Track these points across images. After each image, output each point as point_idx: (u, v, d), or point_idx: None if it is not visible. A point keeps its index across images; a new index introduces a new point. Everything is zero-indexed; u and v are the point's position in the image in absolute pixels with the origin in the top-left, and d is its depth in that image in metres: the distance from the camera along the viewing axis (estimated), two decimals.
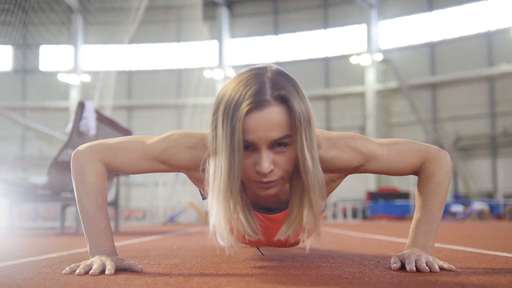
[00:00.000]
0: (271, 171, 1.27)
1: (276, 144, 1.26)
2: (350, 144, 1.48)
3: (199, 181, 1.46)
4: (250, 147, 1.26)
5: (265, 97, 1.24)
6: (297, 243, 1.73)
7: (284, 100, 1.25)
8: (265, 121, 1.23)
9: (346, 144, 1.48)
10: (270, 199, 1.51)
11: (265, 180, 1.27)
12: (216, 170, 1.28)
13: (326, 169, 1.47)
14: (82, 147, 1.52)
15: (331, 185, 1.58)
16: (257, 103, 1.23)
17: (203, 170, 1.37)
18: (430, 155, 1.53)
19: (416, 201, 1.55)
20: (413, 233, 1.49)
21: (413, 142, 1.56)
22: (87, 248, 1.45)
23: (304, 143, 1.26)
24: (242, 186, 1.34)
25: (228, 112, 1.24)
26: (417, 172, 1.55)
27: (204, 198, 1.99)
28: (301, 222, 1.34)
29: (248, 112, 1.23)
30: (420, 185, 1.54)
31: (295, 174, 1.32)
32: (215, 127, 1.28)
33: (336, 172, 1.53)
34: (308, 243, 1.41)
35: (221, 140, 1.25)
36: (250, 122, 1.23)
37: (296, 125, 1.25)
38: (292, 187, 1.35)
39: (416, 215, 1.52)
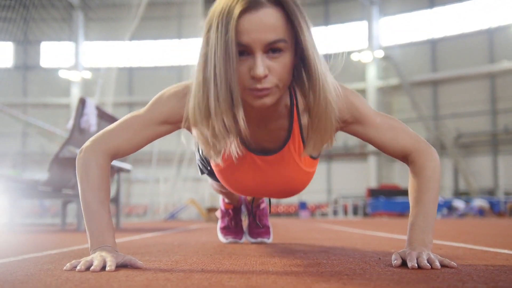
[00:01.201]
0: (265, 77, 1.25)
1: (270, 50, 1.24)
2: (348, 96, 1.47)
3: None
4: (245, 53, 1.24)
5: None
6: (293, 189, 1.72)
7: (279, 3, 1.25)
8: (260, 22, 1.22)
9: (345, 94, 1.47)
10: (265, 135, 1.51)
11: (259, 86, 1.25)
12: (210, 74, 1.25)
13: None
14: (86, 143, 1.52)
15: None
16: (252, 3, 1.22)
17: None
18: (421, 146, 1.53)
19: (409, 197, 1.54)
20: (411, 230, 1.48)
21: (407, 127, 1.55)
22: (88, 244, 1.45)
23: (308, 43, 1.26)
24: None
25: (222, 15, 1.22)
26: (405, 158, 1.54)
27: (203, 172, 1.99)
28: (323, 130, 1.35)
29: (242, 13, 1.22)
30: (412, 180, 1.54)
31: (304, 86, 1.32)
32: (207, 31, 1.27)
33: None
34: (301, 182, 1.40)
35: (214, 42, 1.23)
36: (244, 24, 1.22)
37: (297, 25, 1.25)
38: (299, 105, 1.35)
39: (412, 212, 1.51)
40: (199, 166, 1.97)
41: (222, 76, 1.22)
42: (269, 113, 1.45)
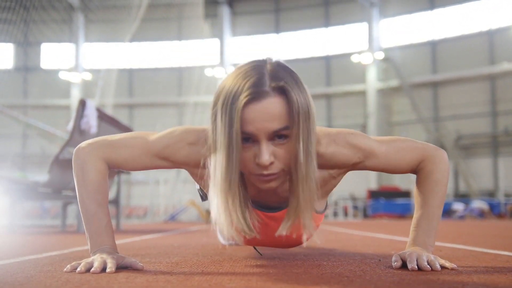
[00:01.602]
0: (271, 164, 1.26)
1: (276, 136, 1.25)
2: (349, 140, 1.48)
3: (201, 178, 1.46)
4: (250, 139, 1.25)
5: (264, 88, 1.23)
6: (298, 243, 1.73)
7: (283, 91, 1.25)
8: (264, 112, 1.23)
9: (345, 140, 1.48)
10: (270, 197, 1.51)
11: (265, 172, 1.27)
12: (216, 163, 1.27)
13: (327, 165, 1.48)
14: (83, 144, 1.52)
15: (331, 182, 1.57)
16: (256, 94, 1.23)
17: (204, 166, 1.37)
18: (428, 153, 1.53)
19: (415, 200, 1.55)
20: (414, 232, 1.49)
21: (411, 140, 1.56)
22: (88, 246, 1.45)
23: (300, 136, 1.26)
24: (243, 181, 1.33)
25: (227, 104, 1.23)
26: (415, 170, 1.55)
27: (204, 199, 1.99)
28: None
29: (247, 103, 1.22)
30: (419, 183, 1.54)
31: (293, 168, 1.31)
32: (214, 120, 1.28)
33: (336, 168, 1.52)
34: (305, 238, 1.40)
35: (220, 132, 1.25)
36: (248, 113, 1.23)
37: (293, 117, 1.24)
38: (291, 181, 1.34)
39: (416, 214, 1.51)
40: (199, 193, 1.99)
41: (224, 163, 1.25)
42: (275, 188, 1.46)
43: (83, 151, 1.50)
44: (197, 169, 1.46)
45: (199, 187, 1.94)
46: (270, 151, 1.25)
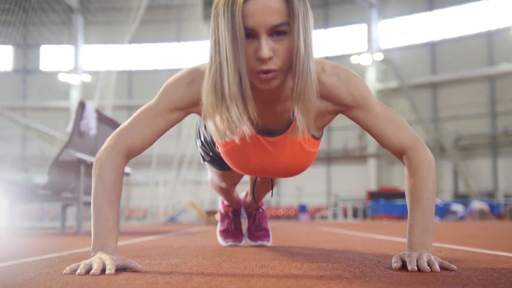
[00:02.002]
0: (271, 59, 1.30)
1: (275, 33, 1.30)
2: (351, 80, 1.51)
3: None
4: (250, 35, 1.30)
5: None
6: (299, 167, 1.74)
7: None
8: (264, 6, 1.28)
9: (348, 78, 1.51)
10: (271, 118, 1.54)
11: (265, 68, 1.30)
12: (221, 59, 1.31)
13: (323, 95, 1.50)
14: (104, 143, 1.55)
15: (327, 117, 1.59)
16: None
17: None
18: (418, 144, 1.53)
19: (407, 199, 1.53)
20: (411, 232, 1.48)
21: (406, 123, 1.56)
22: (91, 244, 1.45)
23: (301, 31, 1.31)
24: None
25: (228, 2, 1.29)
26: (401, 153, 1.54)
27: (204, 159, 2.03)
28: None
29: None
30: (408, 181, 1.53)
31: (294, 63, 1.35)
32: (216, 19, 1.33)
33: (329, 101, 1.53)
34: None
35: (223, 28, 1.29)
36: (249, 8, 1.28)
37: (294, 11, 1.30)
38: (293, 79, 1.37)
39: (410, 214, 1.50)
40: (200, 153, 2.02)
41: (232, 60, 1.29)
42: (275, 96, 1.49)
43: (104, 150, 1.52)
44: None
45: (200, 144, 1.99)
46: (269, 46, 1.29)
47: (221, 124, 1.37)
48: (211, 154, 1.97)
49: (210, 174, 2.31)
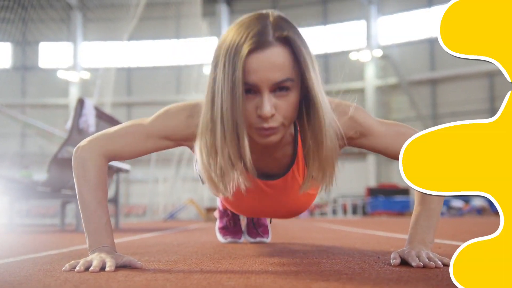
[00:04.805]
0: (272, 116, 1.25)
1: (277, 88, 1.24)
2: (349, 113, 1.47)
3: None
4: (252, 91, 1.24)
5: (268, 38, 1.22)
6: (299, 211, 1.72)
7: (286, 42, 1.24)
8: (267, 62, 1.21)
9: (345, 111, 1.46)
10: (270, 163, 1.51)
11: (266, 126, 1.25)
12: (215, 115, 1.24)
13: None
14: (83, 142, 1.51)
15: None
16: (259, 44, 1.21)
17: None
18: None
19: (415, 196, 1.54)
20: (413, 229, 1.48)
21: (411, 128, 1.54)
22: (87, 244, 1.45)
23: (314, 81, 1.26)
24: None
25: (230, 53, 1.21)
26: None
27: (204, 182, 1.99)
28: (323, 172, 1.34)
29: (250, 52, 1.20)
30: None
31: (304, 120, 1.31)
32: (214, 70, 1.26)
33: None
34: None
35: (220, 81, 1.22)
36: (251, 63, 1.21)
37: (303, 64, 1.24)
38: (303, 134, 1.33)
39: (415, 211, 1.51)
40: (199, 176, 1.99)
41: (229, 115, 1.22)
42: (274, 144, 1.44)
43: (83, 149, 1.49)
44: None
45: (198, 170, 1.94)
46: (272, 103, 1.23)
47: (211, 181, 1.33)
48: None
49: None
